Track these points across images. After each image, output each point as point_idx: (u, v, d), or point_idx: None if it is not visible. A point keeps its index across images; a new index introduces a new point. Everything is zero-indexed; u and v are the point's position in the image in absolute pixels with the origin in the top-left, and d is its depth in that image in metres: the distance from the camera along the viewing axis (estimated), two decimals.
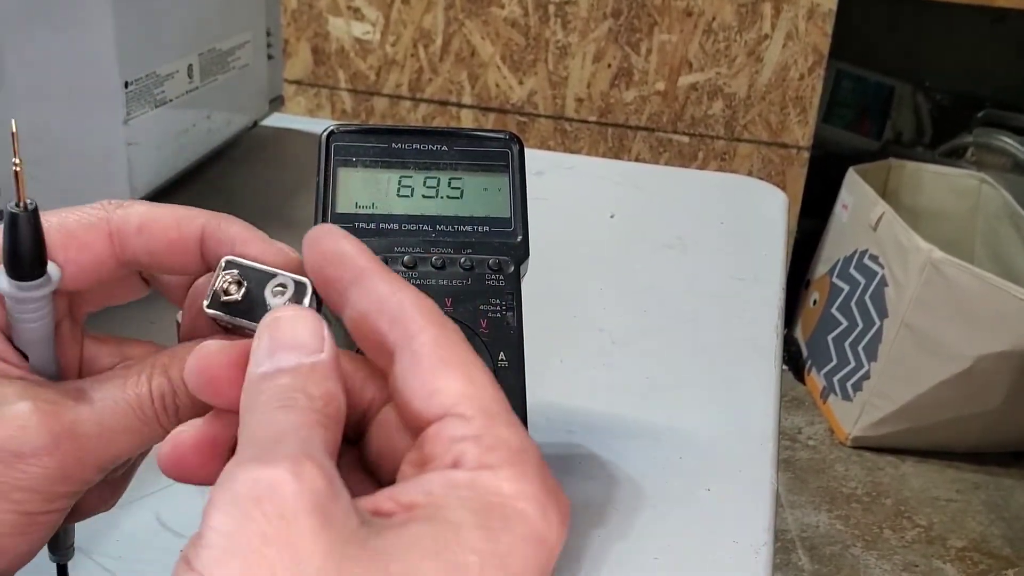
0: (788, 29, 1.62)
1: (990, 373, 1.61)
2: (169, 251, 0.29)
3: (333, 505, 0.22)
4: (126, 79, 0.53)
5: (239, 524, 0.21)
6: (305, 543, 0.21)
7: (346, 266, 0.26)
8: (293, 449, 0.22)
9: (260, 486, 0.21)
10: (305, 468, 0.22)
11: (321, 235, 0.27)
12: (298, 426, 0.24)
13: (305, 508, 0.21)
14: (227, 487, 0.22)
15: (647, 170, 0.88)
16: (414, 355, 0.25)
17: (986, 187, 1.92)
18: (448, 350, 0.25)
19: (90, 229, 0.28)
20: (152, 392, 0.28)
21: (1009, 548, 1.60)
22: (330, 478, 0.22)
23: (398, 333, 0.25)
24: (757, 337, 0.56)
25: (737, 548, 0.41)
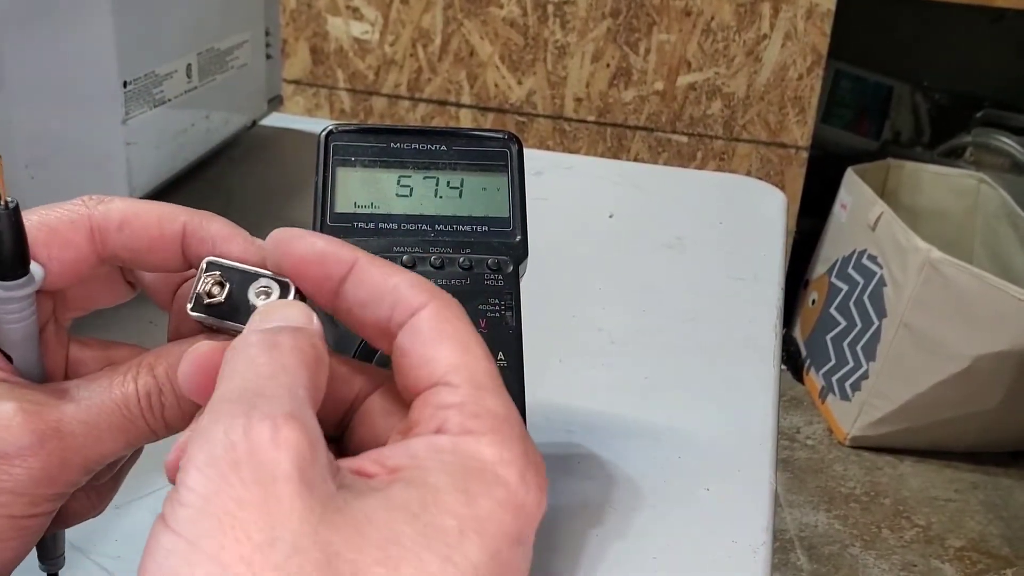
0: (787, 29, 1.62)
1: (989, 373, 1.61)
2: (150, 248, 0.28)
3: (312, 468, 0.22)
4: (125, 79, 0.53)
5: (216, 486, 0.21)
6: (282, 508, 0.21)
7: (331, 262, 0.26)
8: (275, 406, 0.22)
9: (239, 449, 0.21)
10: (284, 430, 0.22)
11: (291, 240, 0.27)
12: (279, 370, 0.24)
13: (283, 473, 0.21)
14: (205, 445, 0.22)
15: (646, 170, 0.88)
16: (413, 329, 0.25)
17: (985, 187, 1.92)
18: (445, 323, 0.25)
19: (71, 226, 0.28)
20: (138, 391, 0.27)
21: (1007, 548, 1.60)
22: (311, 438, 0.22)
23: (399, 313, 0.26)
24: (756, 337, 0.56)
25: (736, 548, 0.41)
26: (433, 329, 0.25)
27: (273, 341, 0.24)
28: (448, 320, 0.26)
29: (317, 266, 0.27)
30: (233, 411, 0.22)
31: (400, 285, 0.26)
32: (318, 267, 0.27)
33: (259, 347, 0.24)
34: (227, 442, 0.21)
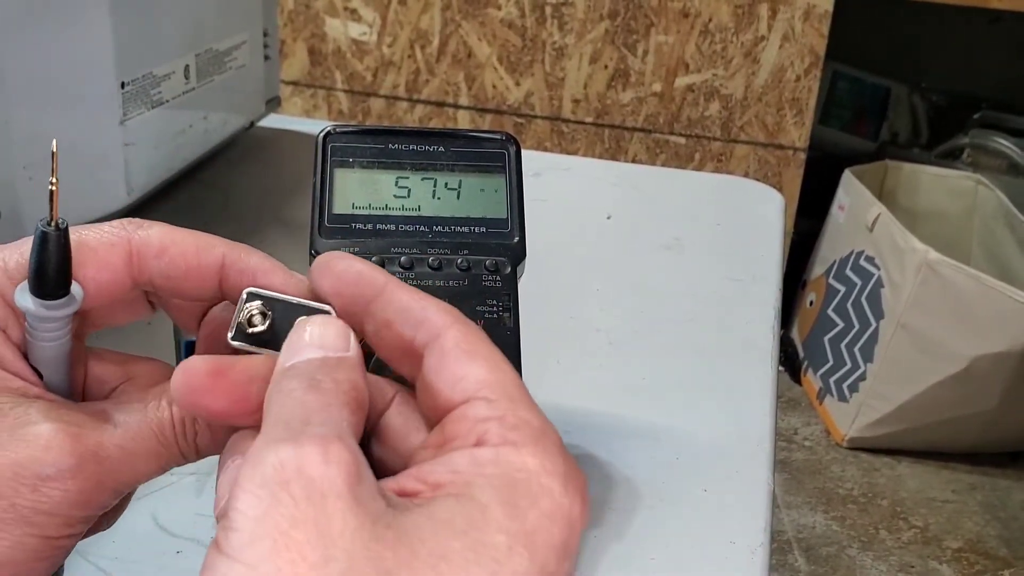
0: (784, 30, 1.62)
1: (986, 374, 1.62)
2: (187, 276, 0.29)
3: (361, 486, 0.22)
4: (123, 80, 0.53)
5: (267, 507, 0.21)
6: (334, 525, 0.21)
7: (364, 283, 0.27)
8: (321, 430, 0.23)
9: (288, 468, 0.21)
10: (333, 449, 0.22)
11: (331, 260, 0.28)
12: (324, 406, 0.24)
13: (333, 490, 0.21)
14: (255, 468, 0.22)
15: (644, 171, 0.89)
16: (441, 350, 0.26)
17: (982, 188, 1.92)
18: (473, 344, 0.26)
19: (110, 248, 0.28)
20: (173, 417, 0.28)
21: (1005, 548, 1.60)
22: (357, 459, 0.22)
23: (424, 335, 0.26)
24: (754, 338, 0.56)
25: (734, 549, 0.41)
26: (461, 348, 0.26)
27: (315, 384, 0.25)
28: (474, 341, 0.26)
29: (351, 285, 0.27)
30: (281, 436, 0.22)
31: (427, 308, 0.27)
32: (352, 286, 0.27)
33: (302, 390, 0.25)
34: (276, 462, 0.22)
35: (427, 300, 0.27)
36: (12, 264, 0.28)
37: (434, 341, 0.26)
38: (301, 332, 0.26)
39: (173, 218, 0.30)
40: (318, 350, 0.26)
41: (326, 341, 0.26)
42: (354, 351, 0.26)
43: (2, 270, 0.28)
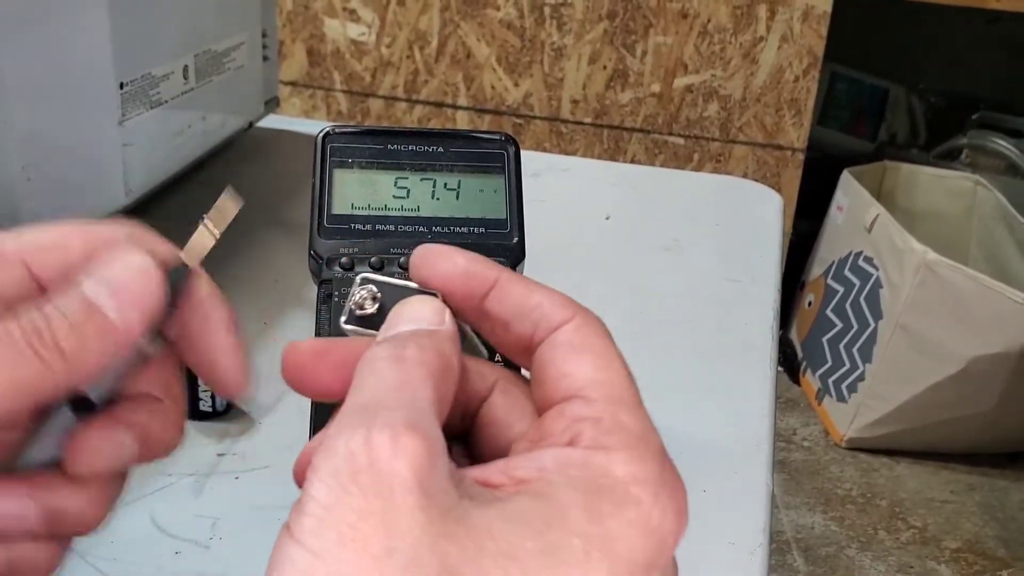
0: (783, 31, 1.62)
1: (985, 374, 1.62)
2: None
3: (431, 477, 0.21)
4: (121, 80, 0.53)
5: (336, 497, 0.21)
6: (401, 519, 0.21)
7: (473, 280, 0.27)
8: (395, 416, 0.22)
9: (358, 459, 0.21)
10: (404, 440, 0.21)
11: (433, 256, 0.27)
12: (404, 383, 0.23)
13: (402, 483, 0.21)
14: (328, 456, 0.21)
15: (643, 172, 0.89)
16: (553, 342, 0.25)
17: (981, 189, 1.93)
18: (584, 339, 0.25)
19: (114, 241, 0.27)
20: (21, 323, 0.25)
21: (1004, 549, 1.60)
22: (431, 448, 0.22)
23: (541, 331, 0.26)
24: (752, 339, 0.56)
25: (733, 549, 0.41)
26: (572, 343, 0.25)
27: (399, 355, 0.24)
28: (588, 336, 0.25)
29: (460, 284, 0.27)
30: (355, 423, 0.22)
31: (543, 302, 0.26)
32: (461, 285, 0.27)
33: (386, 361, 0.24)
34: (347, 451, 0.21)
35: (542, 293, 0.26)
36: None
37: (548, 336, 0.26)
38: (399, 310, 0.26)
39: (171, 219, 0.30)
40: (410, 323, 0.26)
41: (419, 315, 0.26)
42: (448, 326, 0.26)
43: None
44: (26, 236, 0.27)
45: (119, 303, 0.25)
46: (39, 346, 0.24)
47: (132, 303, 0.25)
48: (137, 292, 0.26)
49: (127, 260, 0.26)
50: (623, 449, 0.23)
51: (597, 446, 0.23)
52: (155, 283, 0.26)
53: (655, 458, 0.23)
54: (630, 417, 0.24)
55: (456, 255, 0.27)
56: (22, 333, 0.24)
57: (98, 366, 0.25)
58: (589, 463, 0.23)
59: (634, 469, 0.23)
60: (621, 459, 0.23)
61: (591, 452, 0.23)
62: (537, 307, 0.26)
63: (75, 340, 0.25)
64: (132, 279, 0.26)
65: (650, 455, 0.23)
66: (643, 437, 0.24)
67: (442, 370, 0.24)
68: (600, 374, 0.25)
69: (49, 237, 0.27)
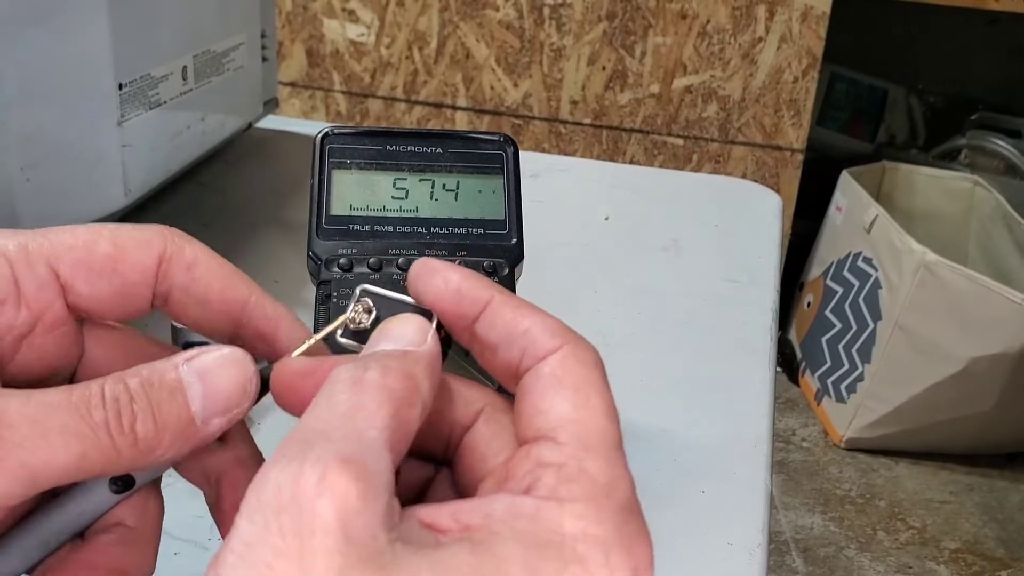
0: (782, 32, 1.62)
1: (983, 375, 1.62)
2: (206, 302, 0.27)
3: (359, 520, 0.20)
4: (120, 81, 0.53)
5: (258, 534, 0.20)
6: (317, 563, 0.19)
7: (464, 300, 0.25)
8: (332, 449, 0.21)
9: (283, 495, 0.20)
10: (332, 478, 0.20)
11: (427, 272, 0.26)
12: (355, 408, 0.22)
13: (323, 525, 0.20)
14: (257, 489, 0.21)
15: (642, 172, 0.89)
16: (535, 374, 0.24)
17: (979, 189, 1.93)
18: (567, 372, 0.24)
19: (145, 247, 0.26)
20: (104, 393, 0.23)
21: (1003, 549, 1.60)
22: (365, 486, 0.20)
23: (528, 359, 0.24)
24: (751, 339, 0.56)
25: (731, 550, 0.41)
26: (554, 375, 0.23)
27: (359, 377, 0.23)
28: (572, 368, 0.24)
29: (451, 304, 0.25)
30: (291, 453, 0.21)
31: (532, 329, 0.24)
32: (452, 305, 0.25)
33: (343, 383, 0.23)
34: (275, 486, 0.20)
35: (533, 319, 0.25)
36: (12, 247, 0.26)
37: (533, 365, 0.24)
38: (383, 327, 0.25)
39: (171, 220, 0.30)
40: (390, 343, 0.24)
41: (400, 334, 0.25)
42: (427, 347, 0.24)
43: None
44: (52, 236, 0.26)
45: (207, 402, 0.24)
46: (114, 428, 0.23)
47: (220, 407, 0.24)
48: (228, 397, 0.25)
49: (228, 356, 0.25)
50: (579, 501, 0.21)
51: (552, 496, 0.21)
52: (249, 395, 0.25)
53: (615, 513, 0.22)
54: (598, 464, 0.22)
55: (451, 273, 0.26)
56: (103, 408, 0.23)
57: (163, 460, 0.24)
58: (539, 515, 0.21)
59: (586, 525, 0.21)
60: (574, 512, 0.21)
61: (543, 503, 0.21)
62: (525, 334, 0.24)
63: (152, 428, 0.24)
64: (228, 381, 0.25)
65: (609, 509, 0.21)
66: (607, 488, 0.22)
67: (405, 394, 0.23)
68: (576, 412, 0.23)
69: (76, 238, 0.26)
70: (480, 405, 0.26)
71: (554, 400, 0.23)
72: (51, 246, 0.26)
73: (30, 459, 0.22)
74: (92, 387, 0.24)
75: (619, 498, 0.22)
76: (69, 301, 0.26)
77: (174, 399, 0.24)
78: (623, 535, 0.21)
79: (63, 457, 0.23)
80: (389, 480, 0.21)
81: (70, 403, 0.23)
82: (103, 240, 0.26)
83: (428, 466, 0.27)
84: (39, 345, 0.26)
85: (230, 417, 0.25)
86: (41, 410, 0.23)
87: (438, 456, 0.26)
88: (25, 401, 0.23)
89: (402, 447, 0.22)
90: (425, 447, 0.26)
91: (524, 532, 0.21)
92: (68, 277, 0.26)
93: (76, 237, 0.26)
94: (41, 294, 0.26)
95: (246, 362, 0.25)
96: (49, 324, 0.26)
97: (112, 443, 0.23)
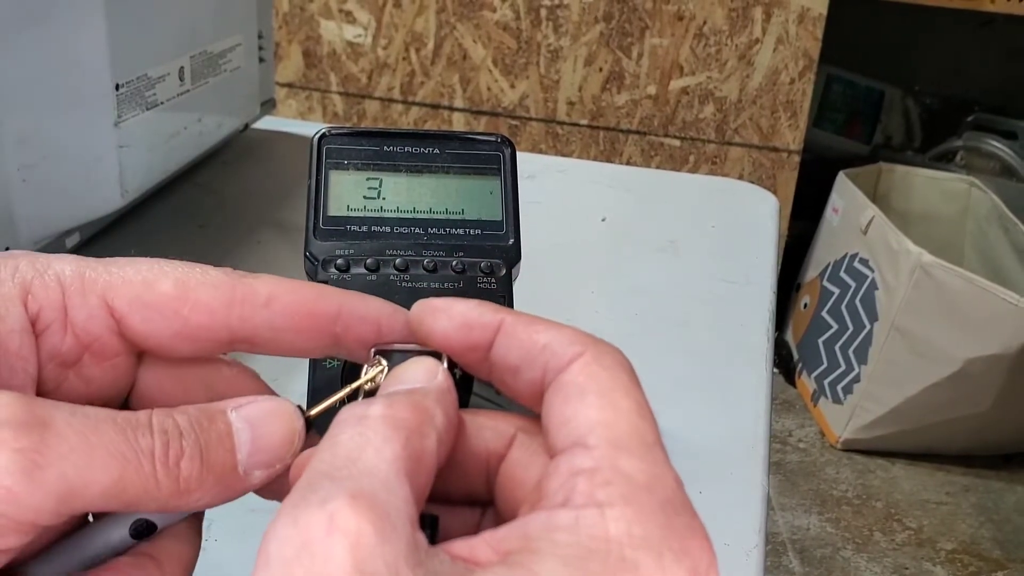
0: (779, 33, 1.62)
1: (980, 376, 1.62)
2: (298, 328, 0.25)
3: (375, 556, 0.18)
4: (117, 81, 0.53)
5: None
6: None
7: (474, 330, 0.24)
8: (339, 489, 0.19)
9: (291, 546, 0.19)
10: (341, 516, 0.19)
11: (430, 314, 0.25)
12: (361, 444, 0.21)
13: (338, 568, 0.18)
14: (266, 545, 0.19)
15: (638, 173, 0.89)
16: (558, 385, 0.23)
17: (975, 191, 1.93)
18: (589, 377, 0.22)
19: (212, 290, 0.25)
20: (152, 423, 0.22)
21: (999, 550, 1.61)
22: (380, 519, 0.19)
23: (550, 375, 0.23)
24: (748, 340, 0.56)
25: (728, 550, 0.41)
26: (576, 383, 0.22)
27: (363, 414, 0.22)
28: (595, 373, 0.22)
29: (461, 338, 0.24)
30: (295, 500, 0.20)
31: (551, 343, 0.23)
32: (462, 338, 0.24)
33: (347, 423, 0.22)
34: (283, 538, 0.19)
35: (551, 332, 0.23)
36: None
37: (556, 378, 0.23)
38: (393, 374, 0.24)
39: (168, 220, 0.30)
40: (396, 387, 0.23)
41: (409, 377, 0.24)
42: (438, 382, 0.23)
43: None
44: (113, 267, 0.25)
45: (253, 452, 0.24)
46: (160, 458, 0.22)
47: (264, 459, 0.24)
48: (274, 450, 0.24)
49: (277, 409, 0.24)
50: (619, 504, 0.20)
51: (590, 503, 0.20)
52: (295, 450, 0.24)
53: (659, 511, 0.20)
54: (634, 463, 0.21)
55: (453, 307, 0.24)
56: (151, 435, 0.22)
57: (196, 505, 0.23)
58: (579, 525, 0.19)
59: (630, 527, 0.19)
60: (616, 516, 0.19)
61: (582, 511, 0.20)
62: (545, 349, 0.23)
63: (197, 468, 0.23)
64: (276, 433, 0.24)
65: (653, 507, 0.20)
66: (647, 486, 0.20)
67: (414, 424, 0.22)
68: (603, 415, 0.21)
69: (138, 273, 0.25)
70: (512, 432, 0.24)
71: (578, 407, 0.22)
72: (108, 277, 0.25)
73: (71, 473, 0.21)
74: (139, 415, 0.23)
75: (663, 495, 0.20)
76: (125, 335, 0.25)
77: (222, 443, 0.23)
78: (674, 534, 0.20)
79: (102, 478, 0.21)
80: (409, 514, 0.20)
81: (115, 423, 0.22)
82: (165, 279, 0.25)
83: (476, 510, 0.25)
84: (87, 374, 0.25)
85: (271, 472, 0.24)
86: (89, 424, 0.21)
87: (484, 498, 0.25)
88: (71, 412, 0.22)
89: (421, 479, 0.21)
90: (468, 491, 0.25)
91: (564, 545, 0.19)
92: (123, 312, 0.25)
93: (138, 272, 0.25)
94: (90, 325, 0.25)
95: (295, 416, 0.24)
96: (99, 354, 0.25)
97: (153, 473, 0.22)
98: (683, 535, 0.20)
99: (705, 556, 0.20)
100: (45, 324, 0.24)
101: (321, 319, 0.25)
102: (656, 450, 0.21)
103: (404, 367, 0.24)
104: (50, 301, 0.24)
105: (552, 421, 0.22)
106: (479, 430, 0.24)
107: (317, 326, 0.25)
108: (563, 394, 0.22)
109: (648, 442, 0.21)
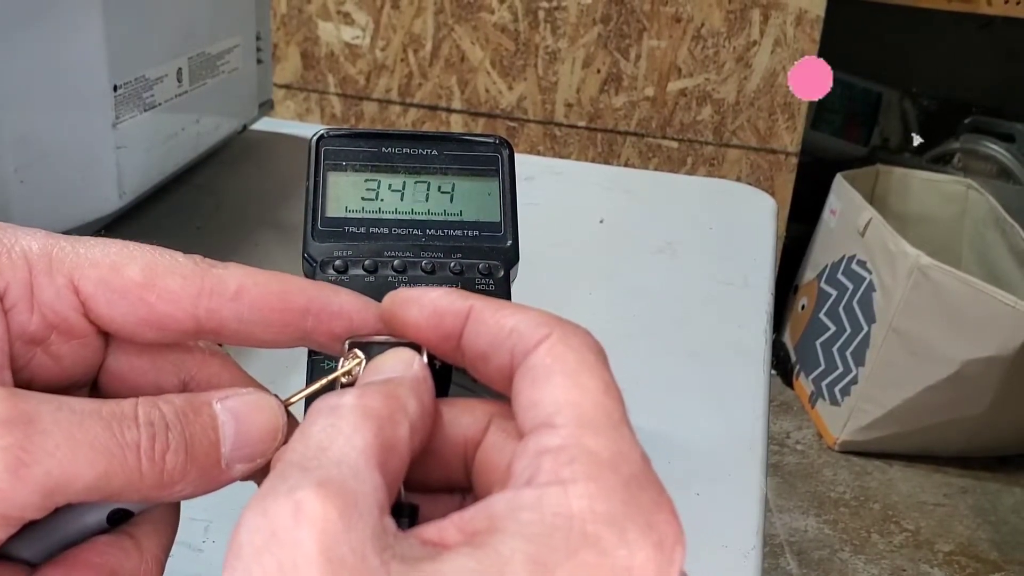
0: (776, 35, 1.63)
1: (977, 377, 1.62)
2: (267, 321, 0.25)
3: (343, 543, 0.19)
4: (115, 82, 0.53)
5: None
6: None
7: (445, 318, 0.24)
8: (307, 478, 0.20)
9: (261, 535, 0.19)
10: (308, 504, 0.19)
11: (400, 305, 0.25)
12: (331, 434, 0.21)
13: (305, 556, 0.18)
14: (236, 536, 0.20)
15: (636, 175, 0.89)
16: (524, 368, 0.23)
17: (973, 193, 1.93)
18: (556, 358, 0.22)
19: (181, 281, 0.25)
20: (138, 414, 0.22)
21: (996, 552, 1.61)
22: (347, 507, 0.19)
23: (517, 358, 0.23)
24: (746, 342, 0.56)
25: (726, 552, 0.41)
26: (542, 366, 0.22)
27: (334, 404, 0.22)
28: (561, 354, 0.22)
29: (432, 326, 0.24)
30: (264, 491, 0.20)
31: (518, 326, 0.23)
32: (434, 327, 0.24)
33: (318, 413, 0.22)
34: (252, 528, 0.19)
35: (518, 316, 0.23)
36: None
37: (524, 361, 0.23)
38: (369, 367, 0.24)
39: (165, 221, 0.30)
40: (372, 378, 0.24)
41: (383, 368, 0.24)
42: (413, 372, 0.23)
43: None
44: (80, 247, 0.25)
45: (236, 445, 0.23)
46: (145, 452, 0.22)
47: (247, 453, 0.24)
48: (257, 443, 0.24)
49: (262, 402, 0.24)
50: (583, 480, 0.20)
51: (554, 481, 0.20)
52: (277, 444, 0.24)
53: (623, 487, 0.20)
54: (599, 440, 0.21)
55: (423, 296, 0.24)
56: (136, 428, 0.22)
57: (177, 496, 0.23)
58: (542, 502, 0.19)
59: (592, 503, 0.19)
60: (579, 493, 0.19)
61: (545, 489, 0.20)
62: (512, 333, 0.23)
63: (182, 461, 0.22)
64: (259, 427, 0.24)
65: (617, 483, 0.20)
66: (612, 463, 0.20)
67: (386, 412, 0.22)
68: (569, 395, 0.21)
69: (106, 255, 0.25)
70: (487, 417, 0.24)
71: (545, 388, 0.22)
72: (76, 258, 0.24)
73: (56, 469, 0.21)
74: (124, 406, 0.22)
75: (628, 472, 0.20)
76: (90, 317, 0.25)
77: (207, 436, 0.23)
78: (638, 509, 0.20)
79: (87, 473, 0.21)
80: (378, 500, 0.20)
81: (101, 416, 0.22)
82: (133, 264, 0.25)
83: (456, 497, 0.25)
84: (55, 352, 0.25)
85: (252, 466, 0.24)
86: (74, 420, 0.21)
87: (463, 484, 0.25)
88: (57, 407, 0.21)
89: (393, 467, 0.21)
90: (447, 478, 0.25)
91: (527, 524, 0.19)
92: (88, 293, 0.25)
93: (106, 255, 0.25)
94: (56, 304, 0.24)
95: (279, 410, 0.24)
96: (66, 334, 0.25)
97: (138, 467, 0.22)
98: (648, 510, 0.20)
99: (671, 530, 0.20)
100: (12, 302, 0.24)
101: (290, 313, 0.25)
102: (622, 428, 0.21)
103: (382, 358, 0.24)
104: (17, 279, 0.24)
105: (521, 403, 0.22)
106: (456, 417, 0.24)
107: (285, 320, 0.25)
108: (531, 376, 0.22)
109: (614, 420, 0.21)
